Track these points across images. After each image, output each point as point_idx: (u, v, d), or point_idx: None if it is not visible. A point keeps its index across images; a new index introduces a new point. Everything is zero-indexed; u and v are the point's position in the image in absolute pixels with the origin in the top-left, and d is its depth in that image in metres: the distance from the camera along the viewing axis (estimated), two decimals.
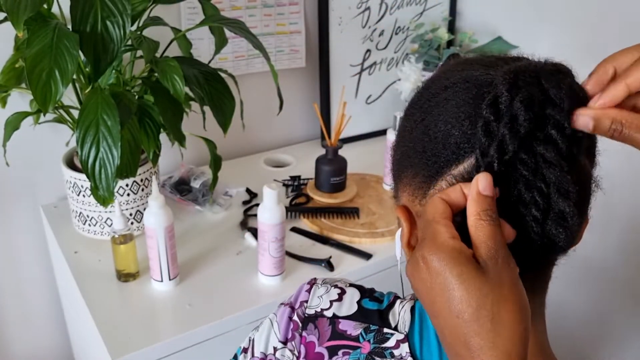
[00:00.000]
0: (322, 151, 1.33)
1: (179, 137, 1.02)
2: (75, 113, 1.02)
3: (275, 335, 0.54)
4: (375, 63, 1.64)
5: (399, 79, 1.58)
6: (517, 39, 1.55)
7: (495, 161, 0.40)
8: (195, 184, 1.32)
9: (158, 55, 1.06)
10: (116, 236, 1.01)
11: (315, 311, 0.54)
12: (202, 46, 1.40)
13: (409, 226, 0.46)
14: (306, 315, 0.54)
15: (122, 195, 1.12)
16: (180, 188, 1.33)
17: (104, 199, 0.91)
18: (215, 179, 1.16)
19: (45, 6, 1.00)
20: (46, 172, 1.31)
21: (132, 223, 1.16)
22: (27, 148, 1.25)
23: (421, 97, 0.48)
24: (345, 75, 1.60)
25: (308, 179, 1.41)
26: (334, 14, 1.52)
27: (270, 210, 1.00)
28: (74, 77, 0.95)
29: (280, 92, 1.15)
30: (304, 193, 1.35)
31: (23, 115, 1.09)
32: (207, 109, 1.05)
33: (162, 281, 1.02)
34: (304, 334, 0.53)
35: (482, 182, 0.39)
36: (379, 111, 1.70)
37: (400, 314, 0.53)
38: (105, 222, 1.14)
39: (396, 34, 1.64)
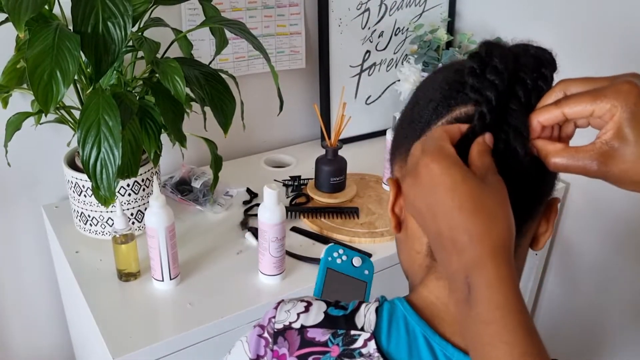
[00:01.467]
0: (322, 151, 1.34)
1: (179, 138, 1.02)
2: (77, 113, 1.03)
3: (246, 354, 0.56)
4: (374, 64, 1.65)
5: (399, 80, 1.59)
6: (516, 39, 1.55)
7: (492, 99, 0.47)
8: (196, 184, 1.32)
9: (159, 56, 1.06)
10: (117, 236, 1.01)
11: (284, 325, 0.55)
12: (203, 47, 1.41)
13: (395, 195, 0.53)
14: (275, 330, 0.55)
15: (123, 195, 1.13)
16: (181, 188, 1.33)
17: (105, 199, 0.92)
18: (216, 179, 1.16)
19: (46, 7, 1.00)
20: (47, 172, 1.31)
21: (133, 223, 1.16)
22: (28, 148, 1.26)
23: (418, 86, 0.57)
24: (345, 76, 1.61)
25: (308, 179, 1.42)
26: (334, 15, 1.53)
27: (270, 210, 1.01)
28: (75, 77, 0.96)
29: (281, 93, 1.15)
30: (304, 193, 1.36)
31: (24, 115, 1.09)
32: (207, 109, 1.05)
33: (162, 281, 1.03)
34: (275, 348, 0.54)
35: (488, 137, 0.46)
36: (379, 112, 1.70)
37: (366, 316, 0.55)
38: (106, 222, 1.14)
39: (395, 35, 1.65)
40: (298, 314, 0.56)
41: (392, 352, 0.52)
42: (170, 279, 1.03)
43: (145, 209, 1.05)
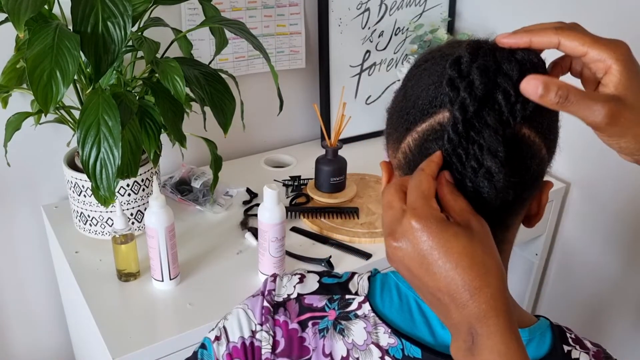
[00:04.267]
0: (322, 151, 1.33)
1: (179, 138, 1.02)
2: (76, 113, 1.03)
3: (252, 320, 0.59)
4: (374, 64, 1.65)
5: (399, 80, 1.59)
6: None
7: (469, 110, 0.45)
8: (196, 184, 1.32)
9: (159, 56, 1.06)
10: (117, 236, 1.01)
11: (283, 298, 0.60)
12: (203, 47, 1.40)
13: (387, 177, 0.55)
14: (275, 301, 0.59)
15: (123, 195, 1.12)
16: (181, 188, 1.33)
17: (105, 199, 0.92)
18: (215, 179, 1.16)
19: (46, 7, 1.00)
20: (47, 172, 1.31)
21: (132, 223, 1.16)
22: (28, 148, 1.26)
23: (411, 69, 0.56)
24: (345, 76, 1.61)
25: (308, 179, 1.42)
26: (334, 15, 1.53)
27: (270, 210, 1.01)
28: (75, 77, 0.96)
29: (281, 93, 1.15)
30: (304, 193, 1.36)
31: (24, 115, 1.09)
32: (207, 109, 1.05)
33: (162, 281, 1.03)
34: (276, 317, 0.58)
35: (447, 174, 0.47)
36: (379, 112, 1.70)
37: (359, 282, 0.59)
38: (106, 222, 1.14)
39: (395, 34, 1.65)
40: (294, 286, 0.60)
41: (386, 312, 0.56)
42: (170, 279, 1.03)
43: (145, 209, 1.05)
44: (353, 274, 0.61)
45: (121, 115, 0.90)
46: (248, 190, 1.38)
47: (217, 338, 0.60)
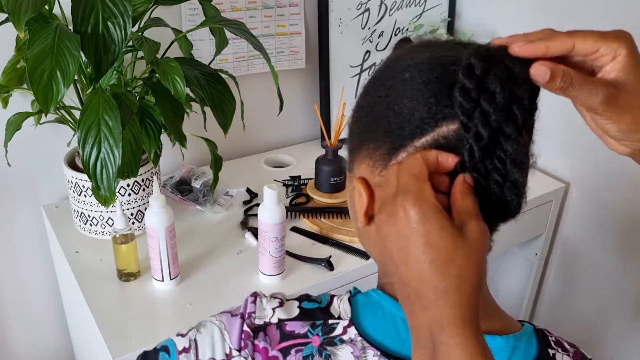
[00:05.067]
0: (322, 151, 1.34)
1: (179, 138, 1.02)
2: (77, 113, 1.03)
3: (227, 343, 0.56)
4: (375, 64, 1.65)
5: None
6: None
7: (479, 125, 0.44)
8: (196, 184, 1.32)
9: (159, 56, 1.06)
10: (117, 236, 1.01)
11: (264, 321, 0.56)
12: (203, 47, 1.41)
13: (369, 197, 0.51)
14: (255, 325, 0.56)
15: (123, 195, 1.13)
16: (181, 188, 1.33)
17: (105, 199, 0.92)
18: (215, 179, 1.16)
19: (46, 7, 1.00)
20: (47, 172, 1.31)
21: (133, 223, 1.16)
22: (28, 148, 1.26)
23: (384, 74, 0.52)
24: (345, 76, 1.61)
25: (308, 179, 1.42)
26: (334, 15, 1.53)
27: (270, 210, 1.01)
28: (75, 77, 0.96)
29: (281, 93, 1.15)
30: (304, 193, 1.36)
31: (24, 115, 1.09)
32: (207, 109, 1.05)
33: (162, 281, 1.03)
34: (255, 342, 0.55)
35: (469, 178, 0.45)
36: None
37: (340, 306, 0.56)
38: (106, 221, 1.14)
39: (395, 35, 1.65)
40: (273, 309, 0.57)
41: (373, 335, 0.54)
42: (170, 279, 1.03)
43: (145, 209, 1.05)
44: (332, 297, 0.58)
45: (121, 115, 0.90)
46: (248, 190, 1.38)
47: (185, 350, 0.56)
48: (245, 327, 0.56)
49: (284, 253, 1.06)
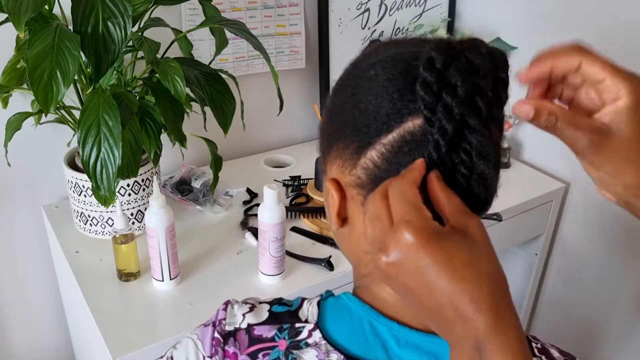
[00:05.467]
0: None
1: (179, 138, 1.02)
2: (77, 113, 1.03)
3: (200, 351, 0.57)
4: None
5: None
6: (516, 40, 1.56)
7: (443, 119, 0.43)
8: (196, 184, 1.32)
9: (159, 56, 1.06)
10: (117, 236, 1.01)
11: (234, 327, 0.57)
12: (203, 47, 1.40)
13: (340, 197, 0.51)
14: (226, 331, 0.57)
15: (123, 195, 1.12)
16: (181, 188, 1.33)
17: (105, 199, 0.92)
18: (215, 179, 1.16)
19: (46, 7, 1.00)
20: (47, 172, 1.31)
21: (133, 223, 1.16)
22: (28, 148, 1.26)
23: (350, 75, 0.52)
24: None
25: (308, 179, 1.42)
26: (334, 15, 1.53)
27: (270, 210, 1.01)
28: (75, 77, 0.96)
29: (281, 93, 1.15)
30: (304, 193, 1.36)
31: (24, 115, 1.09)
32: (207, 109, 1.05)
33: (162, 281, 1.03)
34: (226, 347, 0.56)
35: (437, 172, 0.44)
36: None
37: (309, 309, 0.57)
38: (106, 222, 1.14)
39: (396, 35, 1.65)
40: (244, 315, 0.58)
41: (337, 338, 0.54)
42: (170, 279, 1.03)
43: (145, 209, 1.05)
44: (303, 300, 0.58)
45: (121, 115, 0.90)
46: (248, 190, 1.38)
47: None
48: (216, 334, 0.57)
49: (284, 253, 1.06)
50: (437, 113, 0.43)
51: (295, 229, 1.23)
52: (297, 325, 0.55)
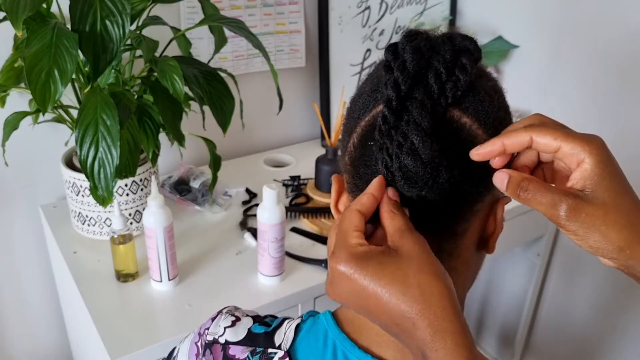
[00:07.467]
0: (322, 151, 1.33)
1: (178, 137, 1.02)
2: (75, 113, 1.02)
3: (185, 358, 0.60)
4: (375, 63, 1.64)
5: None
6: (518, 38, 1.55)
7: (389, 90, 0.45)
8: (195, 184, 1.32)
9: (157, 54, 1.05)
10: (115, 236, 1.01)
11: (214, 337, 0.58)
12: (202, 45, 1.40)
13: (337, 192, 0.53)
14: (206, 341, 0.58)
15: (121, 195, 1.12)
16: (180, 188, 1.32)
17: (103, 199, 0.91)
18: (214, 178, 1.16)
19: (44, 5, 1.00)
20: (45, 172, 1.31)
21: (131, 223, 1.15)
22: (26, 148, 1.25)
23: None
24: (345, 74, 1.60)
25: (308, 179, 1.41)
26: (334, 13, 1.52)
27: (269, 210, 1.00)
28: (73, 76, 0.95)
29: (280, 92, 1.15)
30: (303, 193, 1.35)
31: (22, 114, 1.09)
32: (206, 108, 1.04)
33: (161, 281, 1.02)
34: (202, 359, 0.57)
35: (391, 190, 0.46)
36: None
37: (286, 333, 0.56)
38: (104, 222, 1.14)
39: (396, 33, 1.64)
40: (225, 328, 0.58)
41: None
42: (169, 280, 1.03)
43: (144, 209, 1.05)
44: (283, 320, 0.58)
45: (119, 115, 0.89)
46: (247, 190, 1.37)
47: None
48: (199, 343, 0.58)
49: (283, 254, 1.06)
50: (387, 87, 0.46)
51: (295, 230, 1.22)
52: (270, 350, 0.55)
